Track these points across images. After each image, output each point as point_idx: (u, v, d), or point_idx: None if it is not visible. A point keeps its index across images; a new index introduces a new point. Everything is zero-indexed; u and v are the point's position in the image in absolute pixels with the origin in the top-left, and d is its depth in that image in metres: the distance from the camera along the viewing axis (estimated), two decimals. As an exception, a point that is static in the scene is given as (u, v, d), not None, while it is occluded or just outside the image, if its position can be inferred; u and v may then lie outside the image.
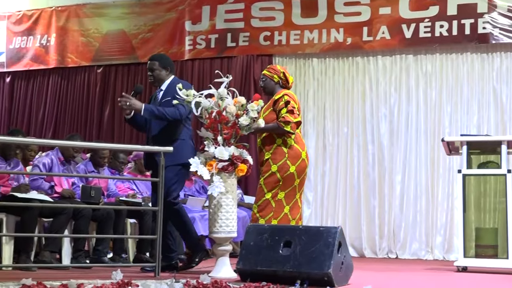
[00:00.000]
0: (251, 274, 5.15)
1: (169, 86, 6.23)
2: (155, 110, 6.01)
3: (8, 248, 6.29)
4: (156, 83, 6.30)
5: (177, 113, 6.00)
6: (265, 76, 6.39)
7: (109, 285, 4.92)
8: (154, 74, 6.27)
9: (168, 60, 6.43)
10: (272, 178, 6.04)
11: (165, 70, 6.29)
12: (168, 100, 6.07)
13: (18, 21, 12.16)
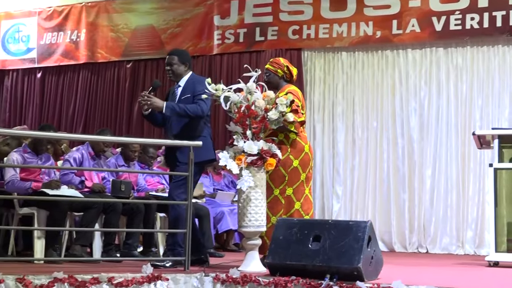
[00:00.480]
0: (280, 268, 5.14)
1: (188, 82, 6.19)
2: (176, 107, 5.98)
3: (40, 242, 6.36)
4: (174, 78, 6.24)
5: (199, 110, 5.98)
6: (268, 71, 6.30)
7: (139, 279, 4.96)
8: (173, 68, 6.20)
9: (187, 56, 6.38)
10: (276, 174, 5.97)
11: (184, 66, 6.22)
12: (188, 97, 6.06)
13: (49, 17, 12.27)
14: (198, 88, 6.04)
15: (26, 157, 6.70)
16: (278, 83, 6.27)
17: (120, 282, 4.87)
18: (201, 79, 6.21)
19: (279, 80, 6.28)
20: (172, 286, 5.08)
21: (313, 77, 10.45)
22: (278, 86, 6.25)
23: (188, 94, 6.08)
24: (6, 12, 12.65)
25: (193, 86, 6.10)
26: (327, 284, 4.73)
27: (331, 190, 10.12)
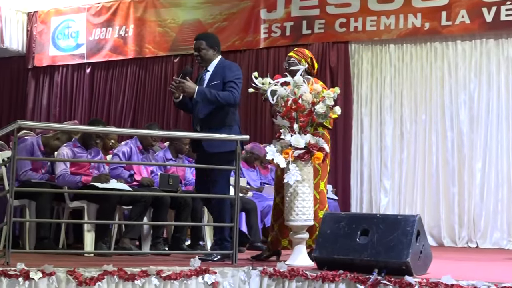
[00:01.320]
0: (328, 262, 5.12)
1: (217, 67, 6.04)
2: (207, 93, 5.82)
3: (90, 236, 6.45)
4: (203, 63, 6.07)
5: (231, 97, 5.86)
6: (293, 59, 6.16)
7: (187, 272, 4.99)
8: (201, 54, 6.03)
9: (215, 39, 6.20)
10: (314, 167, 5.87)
11: (212, 50, 6.06)
12: (217, 83, 5.91)
13: (97, 13, 12.42)
14: (229, 74, 5.94)
15: (76, 151, 6.80)
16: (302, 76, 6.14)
17: (169, 275, 4.91)
18: (232, 65, 6.15)
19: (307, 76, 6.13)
20: (220, 280, 5.11)
21: (361, 70, 10.37)
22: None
23: (218, 80, 5.94)
24: (56, 8, 12.85)
25: (223, 71, 5.96)
26: (375, 278, 4.70)
27: (379, 184, 10.05)
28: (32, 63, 13.02)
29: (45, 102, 12.95)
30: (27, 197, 6.68)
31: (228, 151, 5.89)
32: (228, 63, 6.18)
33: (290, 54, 6.24)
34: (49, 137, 7.09)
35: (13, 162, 5.00)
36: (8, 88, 13.45)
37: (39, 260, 4.99)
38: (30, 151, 6.93)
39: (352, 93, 10.31)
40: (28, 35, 13.01)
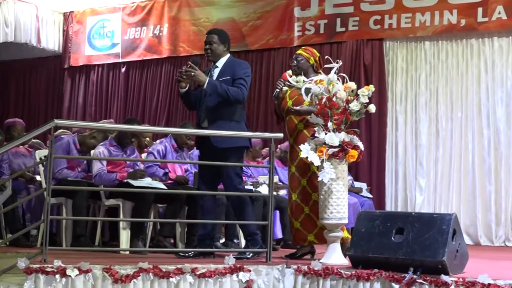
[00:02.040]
0: (362, 261, 5.10)
1: (226, 64, 5.99)
2: (218, 86, 5.77)
3: (125, 233, 6.50)
4: (213, 57, 6.00)
5: (240, 94, 5.82)
6: (301, 56, 6.17)
7: (222, 270, 5.00)
8: (212, 47, 5.96)
9: (227, 36, 6.13)
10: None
11: (223, 46, 6.00)
12: (227, 79, 5.87)
13: (132, 12, 12.51)
14: (239, 71, 5.91)
15: (111, 150, 6.86)
16: (307, 70, 6.15)
17: (203, 273, 4.93)
18: (241, 62, 6.13)
19: (309, 68, 6.17)
20: (254, 278, 5.11)
21: (395, 67, 10.30)
22: (306, 73, 6.12)
23: (227, 76, 5.90)
24: (92, 8, 12.97)
25: (233, 68, 5.93)
26: (411, 277, 4.66)
27: (414, 182, 9.97)
28: (68, 62, 13.17)
29: (81, 101, 13.09)
30: (63, 195, 6.76)
31: (238, 146, 5.89)
32: (238, 61, 6.19)
33: (299, 52, 6.24)
34: (85, 135, 7.17)
35: (49, 161, 5.06)
36: (44, 87, 13.63)
37: (75, 258, 5.04)
38: (66, 149, 7.01)
39: (387, 90, 10.24)
40: (64, 35, 13.16)
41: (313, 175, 5.93)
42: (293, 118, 6.07)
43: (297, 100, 5.99)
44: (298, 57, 6.19)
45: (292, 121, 6.09)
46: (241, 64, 6.06)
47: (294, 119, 6.06)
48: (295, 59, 6.20)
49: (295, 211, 6.06)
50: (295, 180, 6.07)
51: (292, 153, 6.11)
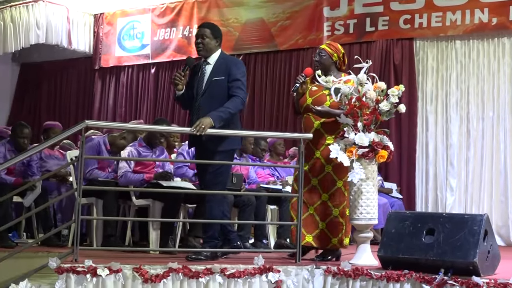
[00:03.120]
0: (392, 261, 5.07)
1: (219, 62, 5.79)
2: (223, 115, 5.55)
3: (155, 233, 6.53)
4: (204, 52, 5.80)
5: (240, 104, 5.66)
6: (325, 52, 6.02)
7: (251, 270, 5.00)
8: (204, 42, 5.77)
9: (220, 31, 5.94)
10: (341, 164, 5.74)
11: (215, 40, 5.82)
12: (222, 80, 5.68)
13: (162, 13, 12.58)
14: (234, 71, 5.73)
15: (141, 150, 6.89)
16: (329, 67, 6.00)
17: (233, 273, 4.93)
18: (236, 60, 6.02)
19: (331, 64, 6.02)
20: (284, 278, 5.11)
21: (426, 67, 10.21)
22: (329, 70, 5.99)
23: (222, 76, 5.70)
24: (122, 10, 13.06)
25: (228, 68, 5.74)
26: (441, 278, 4.63)
27: (444, 183, 9.88)
28: (98, 63, 13.28)
29: (111, 102, 13.19)
30: (94, 195, 6.81)
31: (231, 149, 5.83)
32: (231, 58, 6.04)
33: (322, 47, 6.11)
34: (115, 136, 7.22)
35: (80, 161, 5.10)
36: (75, 88, 13.75)
37: (106, 257, 5.08)
38: (97, 150, 7.07)
39: (417, 90, 10.16)
40: (95, 37, 13.27)
41: (327, 175, 5.88)
42: (311, 117, 5.97)
43: (317, 99, 5.92)
44: (321, 52, 6.06)
45: (310, 120, 5.99)
46: (236, 63, 5.88)
47: (312, 118, 5.96)
48: (318, 54, 6.06)
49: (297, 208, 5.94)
50: (306, 178, 5.90)
51: (308, 151, 5.95)
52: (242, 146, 7.47)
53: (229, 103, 5.62)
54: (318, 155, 5.92)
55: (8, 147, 7.10)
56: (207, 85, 5.72)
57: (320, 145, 5.91)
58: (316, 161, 5.92)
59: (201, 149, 5.79)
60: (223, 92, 5.68)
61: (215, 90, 5.69)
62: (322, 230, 5.88)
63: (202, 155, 5.79)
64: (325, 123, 5.90)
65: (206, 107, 5.66)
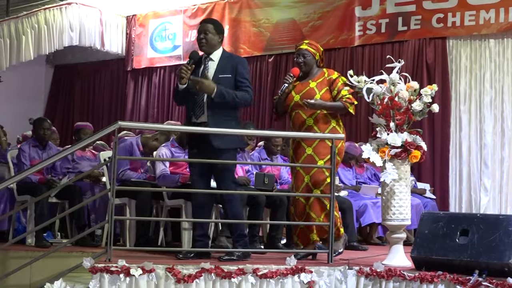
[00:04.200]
0: (426, 262, 5.03)
1: (224, 59, 5.79)
2: (225, 94, 5.59)
3: (187, 233, 6.56)
4: (207, 48, 5.76)
5: (248, 97, 5.70)
6: (308, 52, 6.03)
7: (283, 271, 5.00)
8: (207, 37, 5.73)
9: (222, 27, 5.94)
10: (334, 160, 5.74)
11: (218, 36, 5.80)
12: (228, 77, 5.69)
13: (193, 14, 12.62)
14: (241, 69, 5.74)
15: (173, 151, 6.93)
16: (312, 66, 6.06)
17: (265, 273, 4.94)
18: (241, 58, 6.01)
19: (314, 63, 6.07)
20: (316, 279, 5.10)
21: (459, 66, 10.10)
22: (311, 68, 6.04)
23: (228, 74, 5.71)
24: (154, 11, 13.14)
25: (233, 65, 5.74)
26: (476, 280, 4.58)
27: (478, 183, 9.77)
28: (131, 65, 13.37)
29: (143, 103, 13.27)
30: (127, 195, 6.87)
31: (236, 147, 5.85)
32: (236, 56, 6.05)
33: (304, 47, 6.06)
34: (148, 137, 7.27)
35: (113, 162, 5.14)
36: (108, 89, 13.87)
37: (139, 257, 5.12)
38: (129, 151, 7.13)
39: (450, 90, 10.06)
40: (127, 38, 13.36)
41: (316, 171, 5.87)
42: (301, 113, 5.95)
43: (306, 94, 5.91)
44: (304, 53, 6.04)
45: (300, 116, 5.96)
46: (242, 62, 5.88)
47: (303, 114, 5.94)
48: (302, 55, 6.03)
49: (299, 210, 5.95)
50: (300, 177, 5.94)
51: (298, 149, 5.97)
52: (268, 147, 7.52)
53: (238, 92, 5.67)
54: (310, 151, 5.90)
55: (32, 143, 7.23)
56: (213, 82, 5.70)
57: (311, 142, 5.90)
58: (308, 158, 5.89)
59: (203, 148, 5.72)
60: (229, 89, 5.70)
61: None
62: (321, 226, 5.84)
63: (204, 154, 5.71)
64: (317, 119, 5.89)
65: (212, 103, 5.65)
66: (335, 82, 5.95)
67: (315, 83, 5.97)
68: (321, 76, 6.01)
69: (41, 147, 7.23)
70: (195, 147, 5.84)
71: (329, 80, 5.96)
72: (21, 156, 7.08)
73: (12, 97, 12.99)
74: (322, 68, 6.10)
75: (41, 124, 7.29)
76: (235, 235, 5.76)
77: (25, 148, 7.17)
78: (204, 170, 5.78)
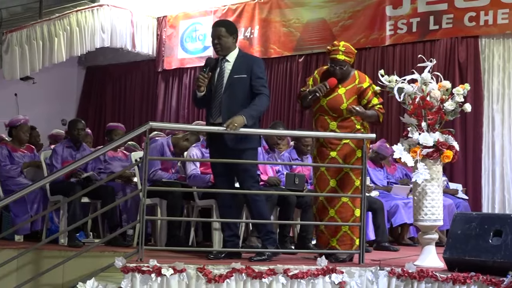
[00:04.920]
0: (458, 263, 4.99)
1: (239, 59, 5.74)
2: (253, 113, 5.58)
3: (218, 234, 6.57)
4: (222, 51, 5.74)
5: (267, 101, 5.69)
6: (345, 63, 5.78)
7: (314, 271, 4.99)
8: (221, 42, 5.69)
9: (234, 27, 5.87)
10: (358, 163, 5.69)
11: (232, 37, 5.74)
12: (244, 78, 5.65)
13: (224, 15, 12.64)
14: (257, 69, 5.70)
15: (204, 151, 6.95)
16: (349, 73, 5.86)
17: (296, 274, 4.93)
18: (256, 59, 5.97)
19: (350, 69, 5.89)
20: (347, 279, 5.08)
21: (492, 65, 10.00)
22: (348, 75, 5.84)
23: (244, 74, 5.66)
24: (184, 12, 13.20)
25: (249, 66, 5.70)
26: (510, 281, 4.53)
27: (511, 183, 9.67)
28: (161, 66, 13.45)
29: (174, 103, 13.33)
30: (158, 196, 6.90)
31: (253, 147, 5.81)
32: (251, 56, 6.01)
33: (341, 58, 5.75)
34: (179, 137, 7.30)
35: (145, 162, 5.17)
36: (139, 90, 13.96)
37: (170, 257, 5.15)
38: (160, 151, 7.17)
39: (483, 89, 9.96)
40: (158, 39, 13.44)
41: (345, 176, 5.77)
42: (326, 118, 5.83)
43: (333, 100, 5.78)
44: (341, 64, 5.77)
45: (324, 120, 5.84)
46: (257, 61, 5.85)
47: (327, 119, 5.82)
48: (339, 66, 5.78)
49: (320, 212, 5.86)
50: (323, 179, 5.84)
51: (322, 152, 5.87)
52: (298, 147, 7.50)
53: (257, 101, 5.64)
54: (334, 155, 5.79)
55: (66, 144, 7.31)
56: (229, 82, 5.70)
57: (335, 145, 5.79)
58: (332, 161, 5.81)
59: (220, 148, 5.71)
60: (245, 89, 5.69)
61: (237, 87, 5.68)
62: (345, 231, 5.74)
63: (221, 154, 5.71)
64: (341, 124, 5.79)
65: (228, 104, 5.66)
66: (365, 92, 5.77)
67: (345, 89, 5.80)
68: (351, 82, 5.81)
69: (75, 148, 7.30)
70: (214, 148, 5.85)
71: (359, 89, 5.77)
72: (53, 158, 7.16)
73: (44, 99, 13.15)
74: (353, 70, 5.92)
75: (75, 125, 7.36)
76: (263, 233, 5.76)
77: (58, 149, 7.25)
78: (224, 170, 5.78)
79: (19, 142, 7.68)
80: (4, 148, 7.54)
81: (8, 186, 7.30)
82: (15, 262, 5.83)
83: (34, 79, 12.66)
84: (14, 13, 12.96)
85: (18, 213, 7.16)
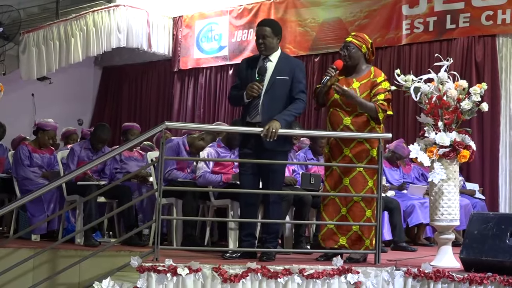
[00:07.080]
0: (475, 264, 4.96)
1: (281, 60, 5.76)
2: (288, 118, 5.61)
3: (233, 233, 6.57)
4: (266, 51, 5.75)
5: (303, 107, 5.73)
6: (352, 44, 5.76)
7: (330, 271, 4.98)
8: (266, 41, 5.70)
9: (280, 28, 5.85)
10: (371, 162, 5.65)
11: (277, 38, 5.75)
12: (285, 80, 5.67)
13: (239, 15, 12.65)
14: (299, 74, 5.74)
15: (219, 151, 6.96)
16: (359, 60, 5.78)
17: (311, 274, 4.92)
18: (299, 63, 5.97)
19: (361, 57, 5.80)
20: (363, 279, 5.06)
21: (509, 64, 9.93)
22: (358, 63, 5.79)
23: (286, 76, 5.69)
24: (200, 12, 13.21)
25: (292, 68, 5.72)
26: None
27: (529, 183, 9.61)
28: (177, 66, 13.46)
29: (190, 103, 13.35)
30: (174, 195, 6.92)
31: (286, 150, 5.89)
32: (295, 60, 6.01)
33: (349, 40, 5.83)
34: (194, 137, 7.31)
35: (160, 162, 5.18)
36: (155, 90, 13.99)
37: (185, 257, 5.15)
38: (176, 151, 7.18)
39: (500, 88, 9.88)
40: (174, 39, 13.46)
41: (358, 174, 5.72)
42: (340, 113, 5.75)
43: None
44: (349, 45, 5.79)
45: (338, 115, 5.77)
46: (300, 65, 5.89)
47: (341, 114, 5.74)
48: (346, 48, 5.80)
49: (331, 210, 5.80)
50: (335, 177, 5.80)
51: (335, 149, 5.82)
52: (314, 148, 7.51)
53: (293, 106, 5.67)
54: (347, 152, 5.74)
55: (84, 146, 7.33)
56: (270, 83, 5.71)
57: (349, 143, 5.73)
58: (345, 159, 5.76)
59: (256, 149, 5.70)
60: (286, 91, 5.71)
61: (278, 89, 5.69)
62: (356, 231, 5.70)
63: (256, 154, 5.71)
64: (355, 120, 5.72)
65: (268, 104, 5.68)
66: (377, 85, 5.71)
67: (359, 83, 5.76)
68: (367, 76, 5.78)
69: (93, 150, 7.31)
70: (248, 147, 5.81)
71: (373, 83, 5.72)
72: (69, 158, 7.19)
73: (61, 99, 13.23)
74: (370, 66, 5.88)
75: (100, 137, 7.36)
76: (271, 235, 5.78)
77: (76, 148, 7.28)
78: (255, 170, 5.77)
79: (40, 144, 7.72)
80: (25, 148, 7.59)
81: (25, 186, 7.35)
82: (32, 262, 5.87)
83: (51, 79, 12.72)
84: (31, 14, 13.01)
85: (34, 213, 7.21)
